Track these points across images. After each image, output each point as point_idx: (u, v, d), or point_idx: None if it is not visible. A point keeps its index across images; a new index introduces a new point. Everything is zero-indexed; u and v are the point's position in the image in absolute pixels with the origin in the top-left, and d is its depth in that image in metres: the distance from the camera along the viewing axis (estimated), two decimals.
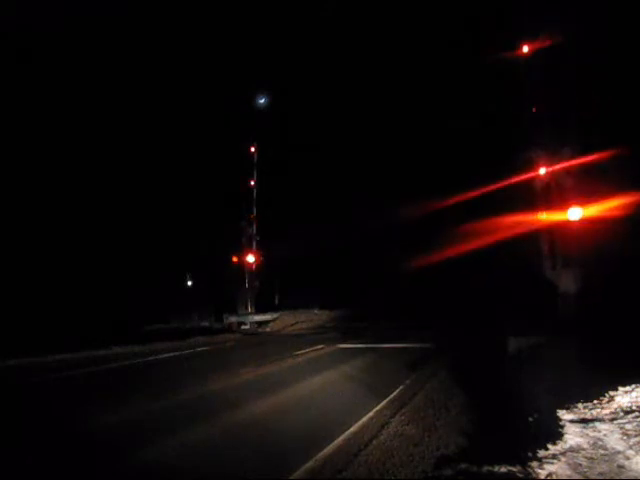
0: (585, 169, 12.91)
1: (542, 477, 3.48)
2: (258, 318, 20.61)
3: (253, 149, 22.78)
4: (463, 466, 3.71)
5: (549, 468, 3.59)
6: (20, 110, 16.95)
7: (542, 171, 15.06)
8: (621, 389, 5.57)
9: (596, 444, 4.05)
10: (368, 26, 19.84)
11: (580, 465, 3.64)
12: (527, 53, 15.34)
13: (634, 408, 4.96)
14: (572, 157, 13.41)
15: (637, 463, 3.61)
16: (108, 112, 18.81)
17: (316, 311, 22.78)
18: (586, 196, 12.94)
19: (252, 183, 22.64)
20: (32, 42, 16.85)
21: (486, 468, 3.61)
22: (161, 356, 11.43)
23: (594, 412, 4.98)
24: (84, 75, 18.27)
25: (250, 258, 21.55)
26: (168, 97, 19.66)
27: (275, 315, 21.05)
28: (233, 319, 20.48)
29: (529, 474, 3.52)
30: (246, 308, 21.24)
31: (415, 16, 18.88)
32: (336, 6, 19.08)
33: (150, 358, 11.05)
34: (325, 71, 20.49)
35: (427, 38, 18.52)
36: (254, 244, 22.16)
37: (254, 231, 22.32)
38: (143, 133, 19.67)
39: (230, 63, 19.70)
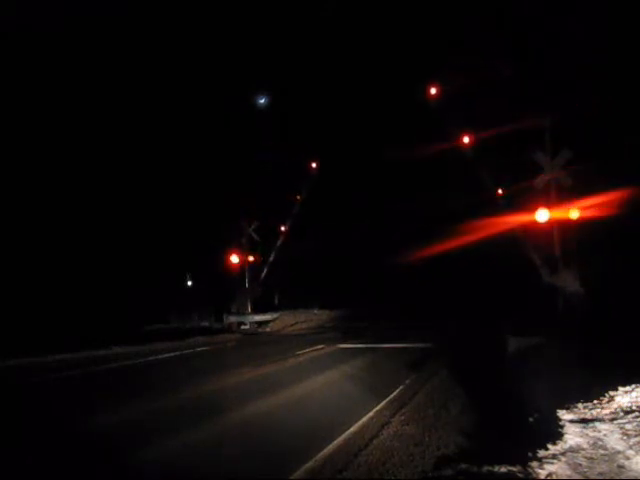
0: (583, 171, 12.95)
1: (542, 477, 3.47)
2: (258, 318, 20.59)
3: (314, 165, 22.80)
4: (463, 466, 3.71)
5: (549, 468, 3.59)
6: (20, 110, 16.93)
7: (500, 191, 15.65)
8: (621, 389, 5.57)
9: (596, 444, 4.05)
10: (368, 27, 19.81)
11: (580, 465, 3.64)
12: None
13: (634, 408, 4.95)
14: (570, 160, 13.46)
15: (637, 463, 3.61)
16: (108, 112, 18.80)
17: (316, 311, 22.78)
18: (583, 197, 12.98)
19: (298, 197, 22.65)
20: (32, 42, 16.83)
21: (486, 468, 3.60)
22: (161, 356, 11.44)
23: (594, 412, 4.98)
24: (84, 75, 18.25)
25: (250, 258, 21.56)
26: (168, 97, 19.65)
27: (275, 315, 21.03)
28: (233, 319, 20.46)
29: (529, 474, 3.51)
30: (246, 308, 21.23)
31: (416, 16, 18.85)
32: (336, 6, 19.06)
33: (150, 358, 11.07)
34: (325, 71, 20.46)
35: (427, 38, 18.48)
36: (277, 247, 22.33)
37: (279, 241, 22.46)
38: (143, 133, 19.66)
39: (230, 63, 19.69)
